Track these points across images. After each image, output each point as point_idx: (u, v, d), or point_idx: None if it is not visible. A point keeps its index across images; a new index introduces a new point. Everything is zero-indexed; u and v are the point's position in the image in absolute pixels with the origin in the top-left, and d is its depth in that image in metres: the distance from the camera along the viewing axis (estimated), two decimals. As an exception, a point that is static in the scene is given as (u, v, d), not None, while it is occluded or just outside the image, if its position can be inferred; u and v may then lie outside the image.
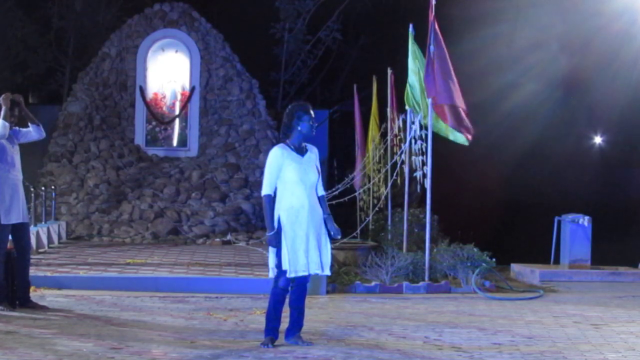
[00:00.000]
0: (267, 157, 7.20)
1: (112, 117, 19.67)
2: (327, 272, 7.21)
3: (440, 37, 11.63)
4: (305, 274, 7.07)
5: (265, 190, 7.11)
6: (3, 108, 8.88)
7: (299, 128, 7.17)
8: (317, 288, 10.50)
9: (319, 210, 7.18)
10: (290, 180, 7.08)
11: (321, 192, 7.29)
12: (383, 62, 16.59)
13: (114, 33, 20.12)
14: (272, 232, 7.03)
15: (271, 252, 7.12)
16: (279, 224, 7.04)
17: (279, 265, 7.04)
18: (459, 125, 11.66)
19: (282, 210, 7.06)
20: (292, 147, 7.19)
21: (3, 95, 8.96)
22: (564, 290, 11.83)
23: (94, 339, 7.36)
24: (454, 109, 11.62)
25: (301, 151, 7.20)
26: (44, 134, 9.49)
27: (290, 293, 7.21)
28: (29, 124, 9.27)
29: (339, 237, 7.27)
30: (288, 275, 7.01)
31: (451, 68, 11.62)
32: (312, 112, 7.26)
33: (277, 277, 7.09)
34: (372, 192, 16.35)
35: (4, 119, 8.84)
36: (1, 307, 8.77)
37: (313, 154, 7.26)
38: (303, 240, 7.03)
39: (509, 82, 21.24)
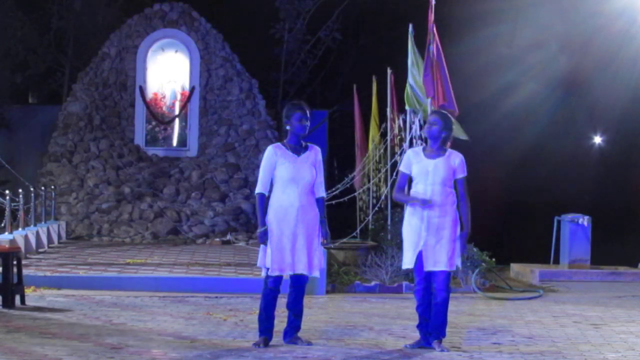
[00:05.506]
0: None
1: (112, 117, 19.66)
2: (316, 274, 7.21)
3: (437, 38, 11.62)
4: (291, 273, 7.09)
5: (258, 188, 7.16)
6: None
7: (289, 127, 7.21)
8: (316, 288, 10.52)
9: (313, 211, 7.15)
10: (283, 179, 7.11)
11: (321, 193, 7.25)
12: (383, 62, 16.58)
13: (114, 33, 20.11)
14: (262, 229, 7.07)
15: (260, 251, 7.16)
16: (268, 222, 7.08)
17: (266, 264, 7.09)
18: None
19: (271, 208, 7.11)
20: (287, 146, 7.21)
21: None
22: (564, 290, 11.84)
23: (94, 339, 7.36)
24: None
25: (298, 150, 7.20)
26: None
27: (288, 295, 7.23)
28: None
29: (327, 241, 7.26)
30: (271, 273, 7.04)
31: (446, 69, 11.62)
32: (304, 110, 7.21)
33: (266, 277, 7.12)
34: (371, 192, 16.34)
35: None
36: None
37: (312, 154, 7.22)
38: (290, 239, 7.04)
39: (509, 82, 21.23)
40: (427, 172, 7.16)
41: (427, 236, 7.11)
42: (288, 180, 7.10)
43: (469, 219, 7.17)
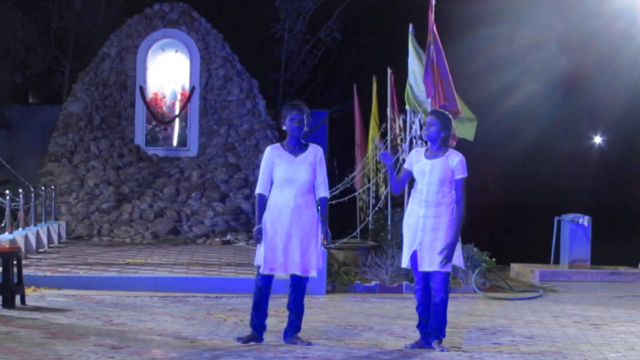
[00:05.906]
0: None
1: (112, 117, 19.66)
2: (313, 274, 7.23)
3: (437, 38, 11.60)
4: (282, 273, 7.14)
5: (257, 189, 7.24)
6: None
7: (285, 128, 7.26)
8: (316, 288, 10.52)
9: (310, 212, 7.16)
10: (279, 179, 7.17)
11: (323, 193, 7.26)
12: (383, 62, 16.58)
13: (114, 33, 20.10)
14: (256, 227, 7.13)
15: (256, 250, 7.22)
16: (263, 221, 7.13)
17: (258, 262, 7.14)
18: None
19: (267, 208, 7.16)
20: (286, 147, 7.25)
21: None
22: (564, 290, 11.84)
23: (94, 339, 7.36)
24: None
25: (296, 151, 7.22)
26: None
27: (288, 295, 7.26)
28: None
29: (327, 241, 7.26)
30: (261, 271, 7.10)
31: (448, 69, 11.61)
32: (299, 110, 7.21)
33: (256, 275, 7.20)
34: (371, 192, 16.34)
35: None
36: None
37: (311, 154, 7.23)
38: (282, 239, 7.07)
39: (509, 82, 21.23)
40: (424, 172, 7.17)
41: (422, 236, 7.12)
42: (284, 180, 7.14)
43: (458, 224, 7.09)
